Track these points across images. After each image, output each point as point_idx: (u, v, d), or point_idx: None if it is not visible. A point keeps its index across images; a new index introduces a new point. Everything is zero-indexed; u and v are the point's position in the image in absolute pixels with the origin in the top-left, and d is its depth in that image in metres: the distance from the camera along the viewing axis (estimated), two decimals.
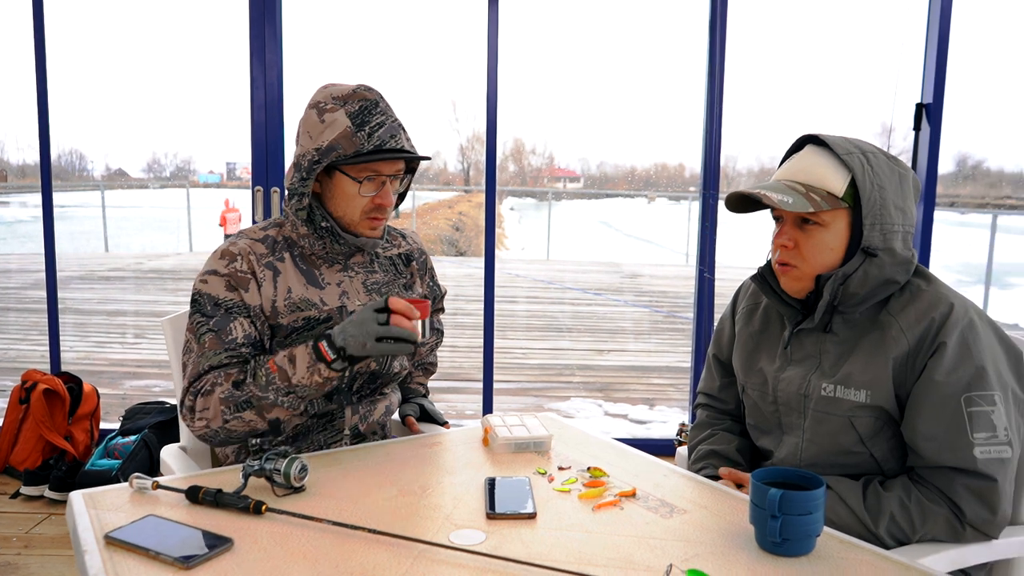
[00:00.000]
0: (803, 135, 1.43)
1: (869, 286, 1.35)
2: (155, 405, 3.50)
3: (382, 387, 1.66)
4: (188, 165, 25.96)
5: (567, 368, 5.81)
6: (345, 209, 1.53)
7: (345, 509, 1.21)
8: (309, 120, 1.49)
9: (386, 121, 1.48)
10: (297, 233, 1.55)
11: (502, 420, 1.57)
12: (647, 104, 36.88)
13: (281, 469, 1.24)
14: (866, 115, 10.03)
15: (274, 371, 1.41)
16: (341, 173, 1.49)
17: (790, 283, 1.41)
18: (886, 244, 1.33)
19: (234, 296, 1.48)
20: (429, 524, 1.17)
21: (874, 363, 1.33)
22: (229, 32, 3.33)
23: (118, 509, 1.20)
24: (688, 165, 32.13)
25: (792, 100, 21.06)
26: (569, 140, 31.23)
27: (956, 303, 1.33)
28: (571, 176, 38.83)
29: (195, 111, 24.26)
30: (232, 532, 1.11)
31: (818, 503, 1.06)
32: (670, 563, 1.03)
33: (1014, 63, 17.08)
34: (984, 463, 1.27)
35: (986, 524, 1.28)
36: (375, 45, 15.91)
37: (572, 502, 1.26)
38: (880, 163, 1.35)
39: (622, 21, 42.07)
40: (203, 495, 1.21)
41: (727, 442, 1.57)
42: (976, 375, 1.28)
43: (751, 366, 1.54)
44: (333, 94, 1.49)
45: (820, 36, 32.21)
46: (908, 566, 1.06)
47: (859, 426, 1.35)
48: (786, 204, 1.31)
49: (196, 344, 1.48)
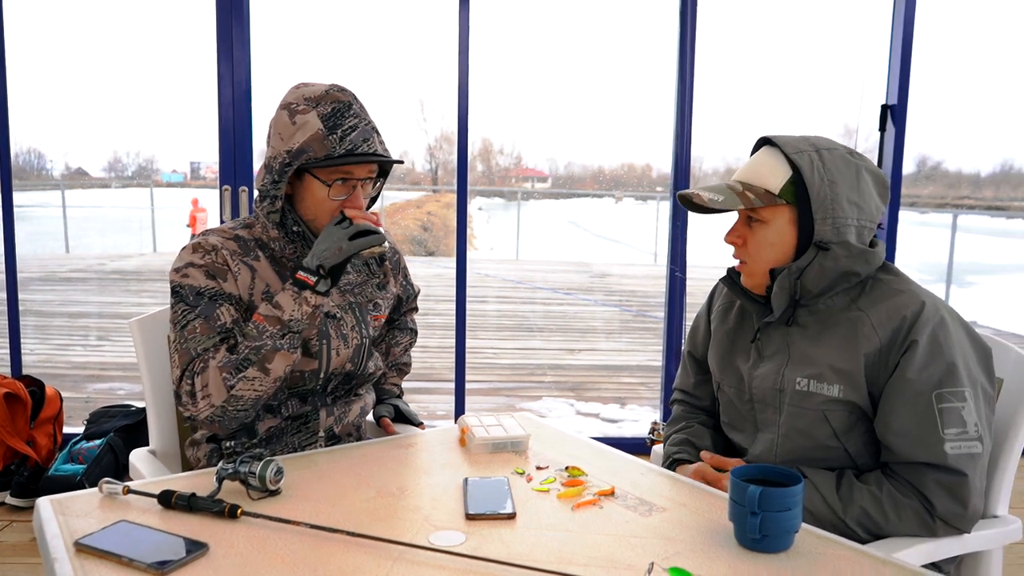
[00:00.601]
0: (761, 137, 1.45)
1: (827, 279, 1.37)
2: (120, 408, 3.43)
3: (357, 388, 1.65)
4: (151, 164, 25.52)
5: (538, 368, 5.82)
6: (315, 212, 1.50)
7: (322, 512, 1.20)
8: (280, 121, 1.46)
9: (359, 124, 1.46)
10: (268, 235, 1.52)
11: (479, 420, 1.56)
12: (615, 104, 37.00)
13: (256, 472, 1.22)
14: (831, 116, 10.17)
15: (261, 321, 1.40)
16: (312, 176, 1.47)
17: (745, 279, 1.46)
18: (839, 237, 1.36)
19: (214, 284, 1.46)
20: (408, 526, 1.15)
21: (846, 358, 1.35)
22: (193, 29, 3.29)
23: (88, 515, 1.17)
24: (655, 165, 32.37)
25: (758, 101, 21.25)
26: (537, 140, 31.30)
27: (927, 301, 1.35)
28: (539, 176, 38.85)
29: (158, 109, 23.78)
30: (207, 537, 1.09)
31: (797, 499, 1.07)
32: (651, 561, 1.03)
33: (971, 67, 17.57)
34: (954, 458, 1.29)
35: (957, 518, 1.30)
36: (343, 43, 15.84)
37: (551, 501, 1.26)
38: (835, 159, 1.37)
39: (589, 21, 42.10)
40: (176, 499, 1.18)
41: (702, 436, 1.58)
42: (947, 372, 1.30)
43: (727, 364, 1.55)
44: (305, 95, 1.46)
45: (787, 38, 32.61)
46: (884, 560, 1.07)
47: (833, 420, 1.37)
48: (715, 202, 1.36)
49: (184, 332, 1.44)
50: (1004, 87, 27.10)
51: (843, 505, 1.31)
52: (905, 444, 1.31)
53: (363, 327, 1.60)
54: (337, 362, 1.55)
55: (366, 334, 1.60)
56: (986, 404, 1.34)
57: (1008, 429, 1.45)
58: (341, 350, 1.55)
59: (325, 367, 1.53)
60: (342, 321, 1.56)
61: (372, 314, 1.63)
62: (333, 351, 1.53)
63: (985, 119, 34.50)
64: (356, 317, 1.59)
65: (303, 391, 1.54)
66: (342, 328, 1.56)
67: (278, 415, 1.54)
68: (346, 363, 1.56)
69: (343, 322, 1.56)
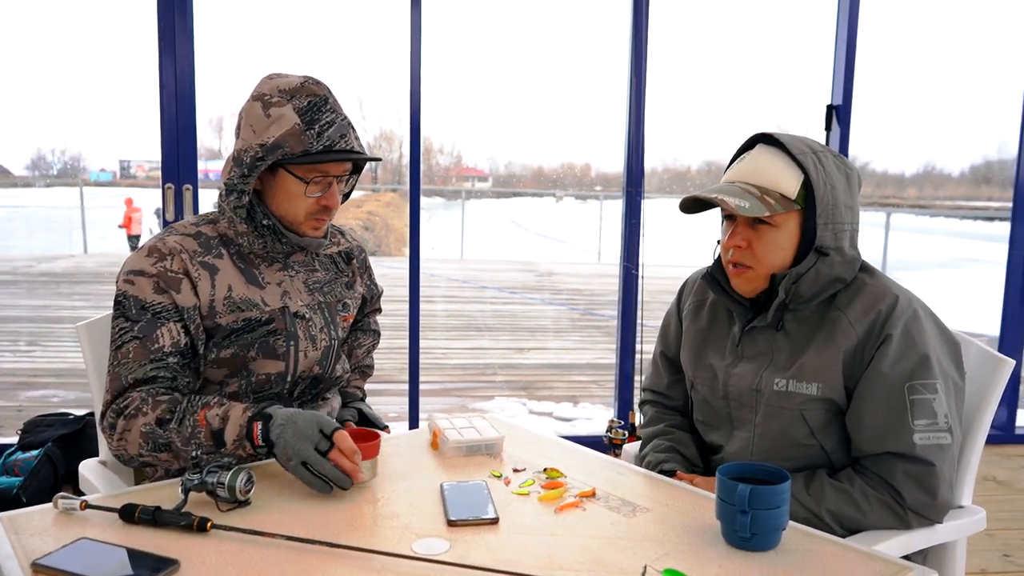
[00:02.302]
0: (755, 134, 1.43)
1: (819, 285, 1.37)
2: (57, 417, 3.28)
3: (323, 392, 1.59)
4: (77, 162, 24.57)
5: (489, 367, 5.79)
6: (288, 209, 1.45)
7: (296, 522, 1.15)
8: (253, 113, 1.40)
9: (336, 120, 1.40)
10: (235, 231, 1.46)
11: (450, 423, 1.52)
12: (555, 104, 37.16)
13: (225, 482, 1.16)
14: (775, 117, 10.39)
15: (202, 426, 1.30)
16: (287, 172, 1.41)
17: (744, 284, 1.41)
18: (837, 243, 1.36)
19: (163, 299, 1.38)
20: (388, 534, 1.11)
21: (825, 356, 1.36)
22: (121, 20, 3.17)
23: (43, 533, 1.10)
24: (595, 165, 32.66)
25: (702, 102, 21.69)
26: (477, 140, 31.28)
27: (900, 295, 1.37)
28: (480, 176, 38.88)
29: (84, 105, 22.83)
30: (176, 553, 1.03)
31: (785, 496, 1.07)
32: (644, 564, 1.01)
33: (895, 70, 18.27)
34: (923, 448, 1.30)
35: (926, 508, 1.32)
36: (283, 38, 15.52)
37: (532, 505, 1.23)
38: (829, 162, 1.37)
39: (529, 22, 42.18)
40: (140, 514, 1.12)
41: (687, 443, 1.56)
42: (919, 364, 1.32)
43: (700, 362, 1.54)
44: (280, 86, 1.40)
45: (732, 41, 33.36)
46: (871, 554, 1.07)
47: (810, 419, 1.38)
48: (743, 209, 1.31)
49: (119, 354, 1.37)
50: (927, 90, 28.20)
51: (814, 500, 1.32)
52: (875, 435, 1.32)
53: (332, 328, 1.54)
54: (305, 364, 1.49)
55: (335, 335, 1.55)
56: (956, 396, 1.36)
57: (971, 421, 1.48)
58: (309, 352, 1.49)
59: (293, 370, 1.47)
60: (311, 322, 1.50)
61: (341, 314, 1.58)
62: (301, 353, 1.48)
63: (908, 121, 35.82)
64: (325, 318, 1.53)
65: (268, 395, 1.48)
66: (310, 329, 1.50)
67: None
68: (314, 366, 1.51)
69: (311, 323, 1.50)
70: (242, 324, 1.43)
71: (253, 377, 1.45)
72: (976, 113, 43.00)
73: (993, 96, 39.40)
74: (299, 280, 1.52)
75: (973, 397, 1.47)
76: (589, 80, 29.03)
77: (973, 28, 38.91)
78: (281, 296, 1.47)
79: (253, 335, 1.44)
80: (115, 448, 1.36)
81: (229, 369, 1.44)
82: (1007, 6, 4.19)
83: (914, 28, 17.95)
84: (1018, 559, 2.65)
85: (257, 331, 1.44)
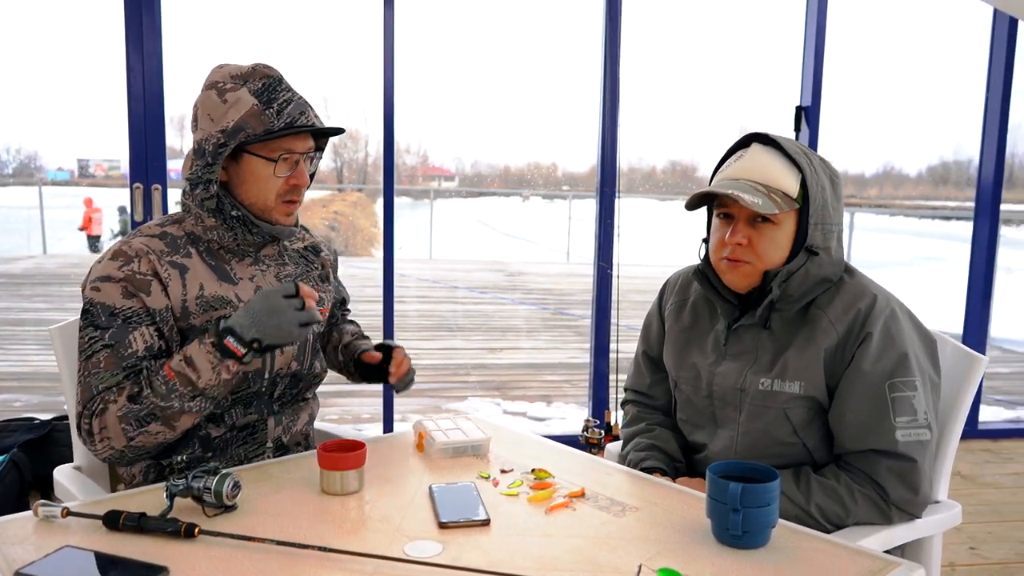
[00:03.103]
0: (749, 133, 1.45)
1: (808, 284, 1.39)
2: (21, 422, 3.20)
3: (304, 392, 1.57)
4: (33, 162, 23.96)
5: (461, 367, 5.77)
6: (258, 194, 1.42)
7: (285, 526, 1.13)
8: (208, 101, 1.38)
9: (293, 97, 1.40)
10: (203, 226, 1.43)
11: (436, 424, 1.52)
12: (520, 104, 37.21)
13: (211, 487, 1.14)
14: (743, 117, 10.49)
15: (172, 378, 1.29)
16: (251, 155, 1.39)
17: (739, 279, 1.42)
18: (825, 243, 1.38)
19: (133, 303, 1.35)
20: (380, 538, 1.11)
21: (807, 355, 1.38)
22: (80, 15, 3.10)
23: (23, 541, 1.07)
24: (561, 165, 32.75)
25: (668, 102, 21.80)
26: (443, 139, 31.18)
27: (879, 295, 1.39)
28: (446, 175, 38.79)
29: (41, 103, 22.20)
30: (164, 560, 1.02)
31: (775, 494, 1.08)
32: (639, 563, 1.02)
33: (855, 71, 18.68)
34: (905, 445, 1.33)
35: (909, 504, 1.34)
36: (244, 37, 15.23)
37: (522, 505, 1.23)
38: (818, 164, 1.40)
39: (494, 22, 42.16)
40: (124, 520, 1.09)
41: (667, 439, 1.57)
42: (899, 362, 1.34)
43: (683, 361, 1.56)
44: (231, 73, 1.39)
45: (699, 42, 33.73)
46: (860, 551, 1.09)
47: (793, 417, 1.39)
48: (757, 206, 1.33)
49: (89, 364, 1.34)
50: (887, 93, 28.78)
51: (803, 498, 1.33)
52: (858, 433, 1.34)
53: None
54: (282, 361, 1.47)
55: (312, 330, 1.52)
56: (933, 393, 1.39)
57: (946, 418, 1.51)
58: (286, 348, 1.47)
59: (270, 367, 1.45)
60: None
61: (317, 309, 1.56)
62: (277, 349, 1.46)
63: (868, 122, 36.50)
64: None
65: (247, 395, 1.46)
66: None
67: (222, 424, 1.46)
68: (291, 362, 1.49)
69: None
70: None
71: None
72: (934, 116, 43.97)
73: (950, 100, 40.29)
74: (270, 274, 1.50)
75: (948, 394, 1.50)
76: (556, 80, 29.10)
77: (932, 34, 39.77)
78: (254, 291, 1.45)
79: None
80: (101, 450, 1.33)
81: None
82: (963, 15, 4.29)
83: (874, 33, 18.31)
84: (984, 551, 2.72)
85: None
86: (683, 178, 32.50)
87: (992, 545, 2.77)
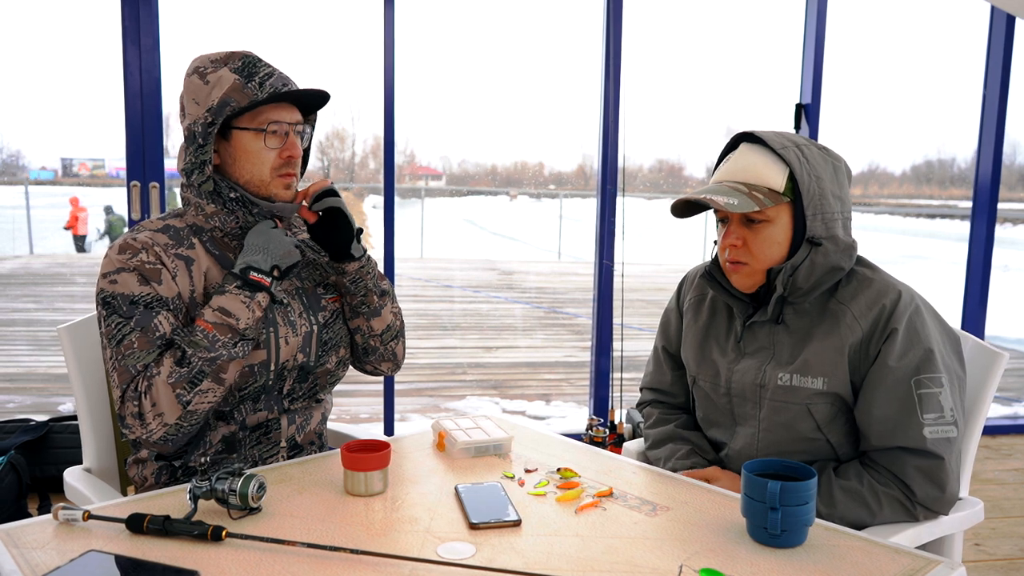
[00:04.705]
0: (737, 133, 1.45)
1: (816, 275, 1.38)
2: (18, 423, 3.16)
3: (318, 391, 1.54)
4: (16, 160, 23.65)
5: (458, 366, 5.75)
6: (252, 170, 1.41)
7: (313, 529, 1.11)
8: (192, 86, 1.39)
9: (274, 71, 1.41)
10: (204, 215, 1.42)
11: (456, 424, 1.50)
12: (507, 103, 37.20)
13: (237, 489, 1.12)
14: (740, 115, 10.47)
15: (211, 330, 1.31)
16: (240, 131, 1.39)
17: (741, 280, 1.42)
18: (828, 232, 1.37)
19: (149, 290, 1.34)
20: (411, 540, 1.08)
21: (830, 351, 1.37)
22: (60, 12, 3.05)
23: (45, 546, 1.04)
24: (547, 164, 32.72)
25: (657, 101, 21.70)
26: (430, 138, 31.07)
27: (903, 290, 1.38)
28: (433, 174, 38.70)
29: (24, 102, 21.87)
30: (192, 563, 0.99)
31: (812, 493, 1.07)
32: (680, 564, 1.00)
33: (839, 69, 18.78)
34: (932, 442, 1.32)
35: (936, 502, 1.33)
36: (242, 32, 15.06)
37: (551, 505, 1.21)
38: (814, 154, 1.39)
39: (479, 21, 42.04)
40: (149, 524, 1.07)
41: (703, 446, 1.56)
42: (924, 358, 1.33)
43: (703, 357, 1.54)
44: (211, 58, 1.40)
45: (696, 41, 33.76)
46: (898, 549, 1.08)
47: (816, 413, 1.38)
48: (732, 206, 1.32)
49: (121, 347, 1.32)
50: (874, 89, 28.93)
51: (823, 501, 1.32)
52: (885, 430, 1.33)
53: (312, 314, 1.50)
54: (287, 351, 1.45)
55: (315, 320, 1.50)
56: (960, 389, 1.38)
57: (968, 414, 1.50)
58: (290, 338, 1.44)
59: (275, 358, 1.43)
60: (288, 307, 1.46)
61: (326, 297, 1.53)
62: (282, 339, 1.43)
63: (855, 121, 36.76)
64: (304, 303, 1.49)
65: (255, 391, 1.43)
66: (289, 315, 1.46)
67: (231, 421, 1.43)
68: (297, 353, 1.46)
69: (290, 308, 1.46)
70: None
71: None
72: (919, 114, 44.25)
73: (937, 98, 40.57)
74: None
75: (970, 390, 1.50)
76: (543, 79, 29.14)
77: (924, 31, 39.98)
78: None
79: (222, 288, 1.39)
80: (154, 430, 1.30)
81: None
82: (959, 12, 4.31)
83: (866, 30, 18.36)
84: (989, 548, 2.72)
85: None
86: (669, 177, 32.53)
87: (997, 541, 2.78)
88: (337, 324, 1.54)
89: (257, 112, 1.38)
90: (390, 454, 1.26)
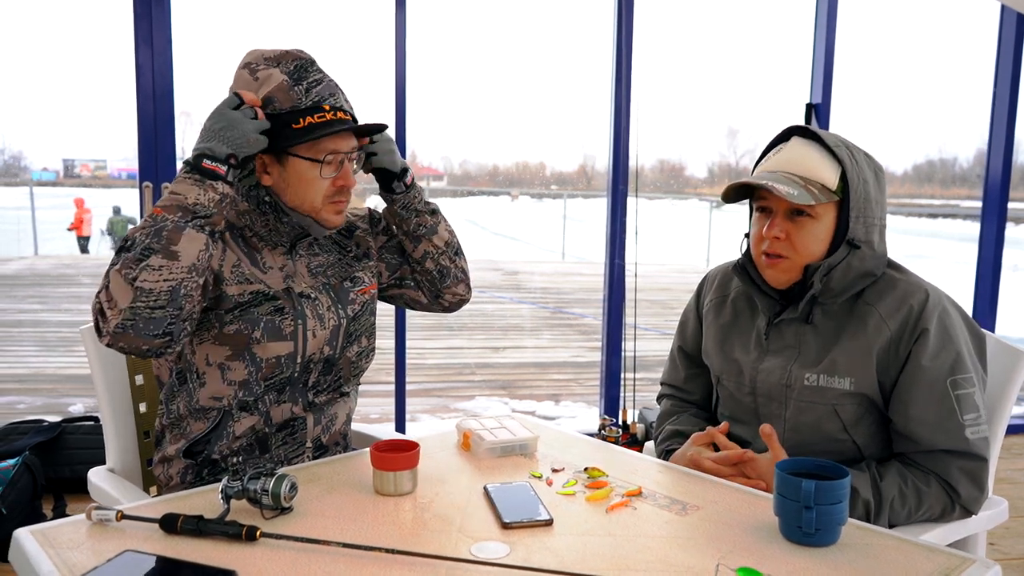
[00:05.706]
0: (789, 126, 1.44)
1: (850, 278, 1.37)
2: (31, 424, 3.16)
3: (342, 384, 1.54)
4: (17, 162, 23.64)
5: (466, 367, 5.75)
6: (305, 196, 1.41)
7: (345, 528, 1.11)
8: (241, 79, 1.39)
9: (324, 79, 1.40)
10: (236, 211, 1.42)
11: (480, 424, 1.50)
12: (508, 104, 37.13)
13: (269, 489, 1.12)
14: (745, 116, 10.43)
15: (159, 212, 1.25)
16: (297, 158, 1.38)
17: (778, 275, 1.41)
18: (867, 236, 1.37)
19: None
20: (444, 539, 1.08)
21: (857, 351, 1.36)
22: (69, 14, 3.06)
23: (80, 546, 1.05)
24: (549, 164, 32.70)
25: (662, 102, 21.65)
26: (431, 138, 31.09)
27: (930, 291, 1.38)
28: (435, 175, 38.78)
29: (26, 103, 21.87)
30: (228, 563, 0.99)
31: (846, 491, 1.07)
32: (717, 562, 1.00)
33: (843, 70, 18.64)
34: (975, 443, 1.32)
35: (975, 502, 1.34)
36: (251, 36, 15.06)
37: (581, 505, 1.21)
38: (861, 157, 1.39)
39: (481, 22, 42.08)
40: (183, 524, 1.07)
41: (691, 423, 1.57)
42: (957, 358, 1.33)
43: (726, 356, 1.54)
44: (264, 55, 1.40)
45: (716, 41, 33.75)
46: (933, 547, 1.08)
47: (843, 414, 1.38)
48: (792, 196, 1.32)
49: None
50: (879, 88, 28.94)
51: (875, 505, 1.31)
52: (926, 432, 1.32)
53: (340, 307, 1.50)
54: (314, 344, 1.45)
55: (344, 314, 1.50)
56: (984, 389, 1.38)
57: (993, 413, 1.50)
58: (318, 331, 1.45)
59: (302, 350, 1.43)
60: (317, 301, 1.47)
61: (354, 290, 1.54)
62: (309, 332, 1.44)
63: (863, 120, 36.83)
64: (331, 297, 1.50)
65: (280, 381, 1.43)
66: (318, 308, 1.46)
67: (255, 411, 1.43)
68: (323, 346, 1.47)
69: (318, 302, 1.47)
70: (249, 297, 1.39)
71: (262, 363, 1.40)
72: (921, 113, 44.26)
73: (939, 97, 40.53)
74: (301, 264, 1.48)
75: (993, 390, 1.50)
76: (545, 80, 29.04)
77: (930, 30, 40.02)
78: (284, 279, 1.44)
79: (259, 310, 1.39)
80: (113, 325, 1.22)
81: (231, 349, 1.39)
82: (953, 17, 4.30)
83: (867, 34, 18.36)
84: (1004, 547, 2.72)
85: (263, 305, 1.40)
86: (672, 177, 32.46)
87: (1011, 541, 2.78)
88: (364, 316, 1.54)
89: (317, 142, 1.37)
90: (419, 454, 1.26)
